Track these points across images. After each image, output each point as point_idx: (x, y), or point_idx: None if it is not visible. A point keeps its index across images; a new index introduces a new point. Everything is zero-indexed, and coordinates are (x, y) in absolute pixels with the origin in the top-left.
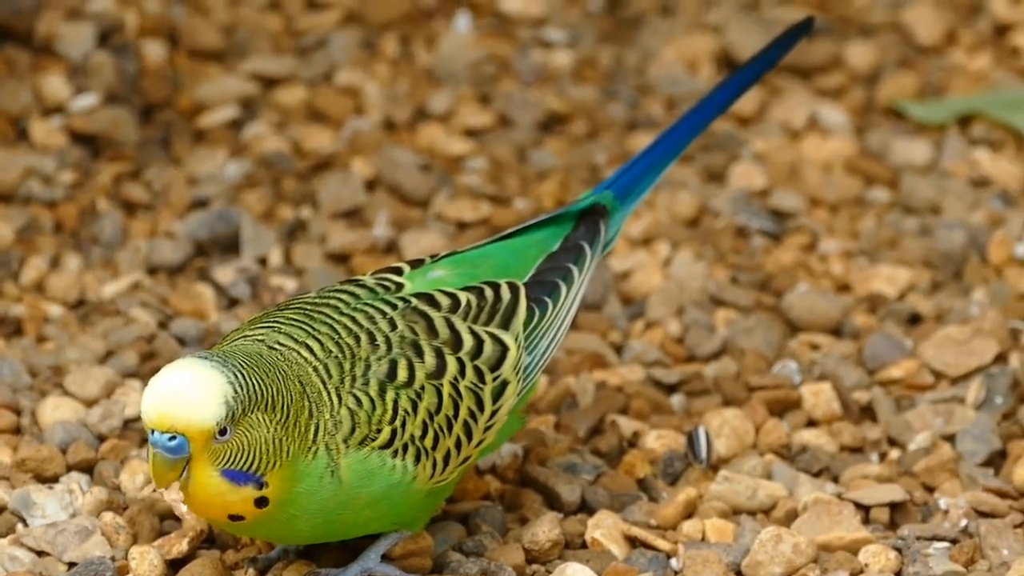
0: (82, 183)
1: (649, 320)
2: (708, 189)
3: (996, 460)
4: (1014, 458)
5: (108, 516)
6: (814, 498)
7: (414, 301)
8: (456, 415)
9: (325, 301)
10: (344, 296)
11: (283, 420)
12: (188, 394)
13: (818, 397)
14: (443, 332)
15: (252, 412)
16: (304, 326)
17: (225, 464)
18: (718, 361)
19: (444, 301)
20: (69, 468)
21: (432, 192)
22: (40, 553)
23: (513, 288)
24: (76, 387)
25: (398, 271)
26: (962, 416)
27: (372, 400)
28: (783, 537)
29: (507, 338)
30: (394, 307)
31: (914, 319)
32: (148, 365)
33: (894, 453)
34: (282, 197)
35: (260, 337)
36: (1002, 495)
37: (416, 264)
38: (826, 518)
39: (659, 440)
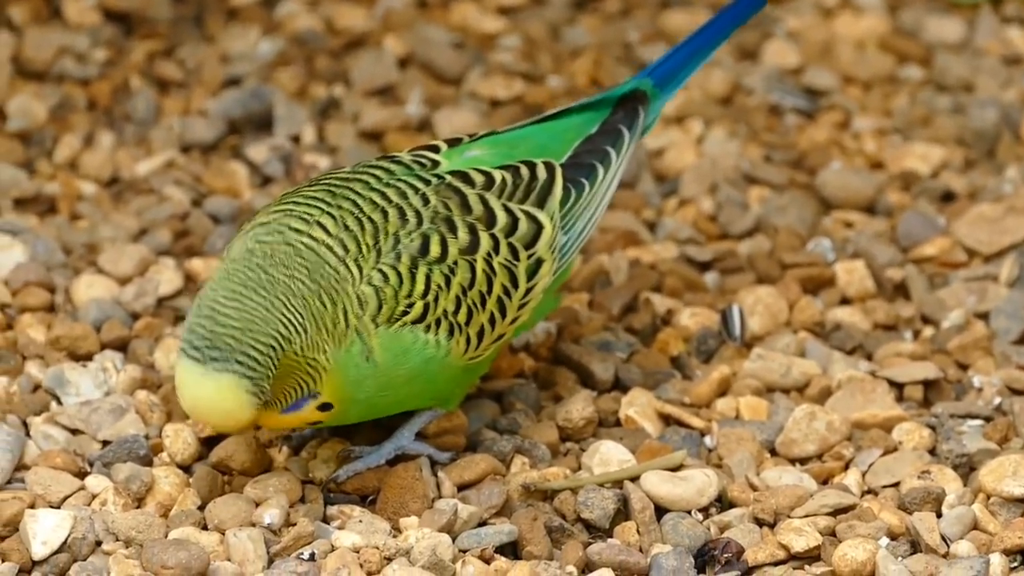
0: (115, 61)
1: (682, 198)
2: (741, 67)
3: None
4: None
5: (142, 394)
6: (848, 376)
7: (448, 178)
8: (490, 291)
9: (356, 176)
10: (377, 172)
11: (307, 340)
12: (217, 410)
13: (852, 275)
14: (477, 208)
15: (276, 370)
16: (321, 204)
17: (280, 407)
18: (751, 239)
19: (479, 179)
20: (103, 346)
21: (465, 70)
22: (74, 431)
23: (550, 168)
24: (110, 265)
25: (435, 149)
26: (995, 294)
27: (400, 275)
28: (817, 415)
29: (542, 216)
30: (428, 183)
31: (947, 197)
32: (182, 243)
33: (927, 331)
34: (315, 75)
35: (276, 227)
36: None
37: (454, 143)
38: (860, 396)
39: (693, 318)
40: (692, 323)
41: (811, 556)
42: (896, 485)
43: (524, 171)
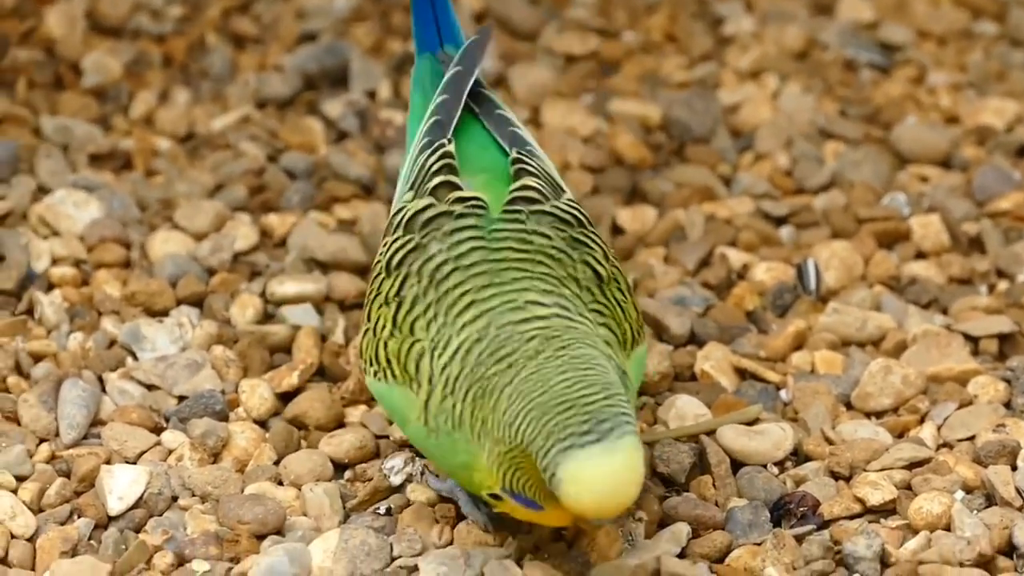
0: (191, 17)
1: (758, 153)
2: (816, 22)
3: None
4: None
5: (218, 350)
6: (923, 330)
7: (523, 208)
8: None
9: (483, 253)
10: (481, 239)
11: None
12: (635, 478)
13: (927, 229)
14: (568, 217)
15: None
16: (504, 284)
17: None
18: (827, 193)
19: (532, 193)
20: (179, 302)
21: (540, 25)
22: (150, 387)
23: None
24: (186, 221)
25: (472, 199)
26: None
27: (611, 306)
28: (892, 368)
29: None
30: (522, 221)
31: (1022, 151)
32: (257, 199)
33: (1003, 285)
34: (391, 30)
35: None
36: None
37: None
38: (935, 350)
39: (768, 272)
40: (767, 277)
41: (887, 510)
42: (971, 439)
43: (526, 182)
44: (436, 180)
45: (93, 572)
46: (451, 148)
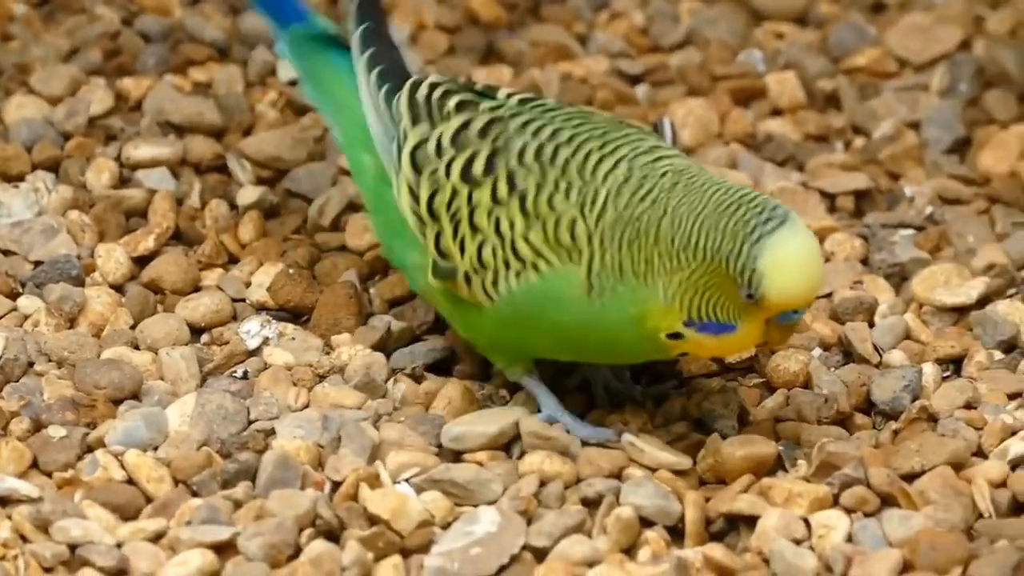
0: None
1: (614, 11)
2: None
3: (961, 147)
4: (979, 145)
5: (74, 214)
6: (780, 187)
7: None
8: None
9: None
10: (569, 122)
11: None
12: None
13: (783, 85)
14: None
15: None
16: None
17: None
18: (683, 51)
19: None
20: (34, 167)
21: None
22: (6, 252)
23: None
24: (41, 85)
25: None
26: (927, 103)
27: None
28: None
29: None
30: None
31: (878, 7)
32: (113, 62)
33: (859, 141)
34: None
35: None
36: (967, 182)
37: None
38: (792, 206)
39: None
40: None
41: (744, 368)
42: (829, 296)
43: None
44: (453, 100)
45: None
46: (434, 78)
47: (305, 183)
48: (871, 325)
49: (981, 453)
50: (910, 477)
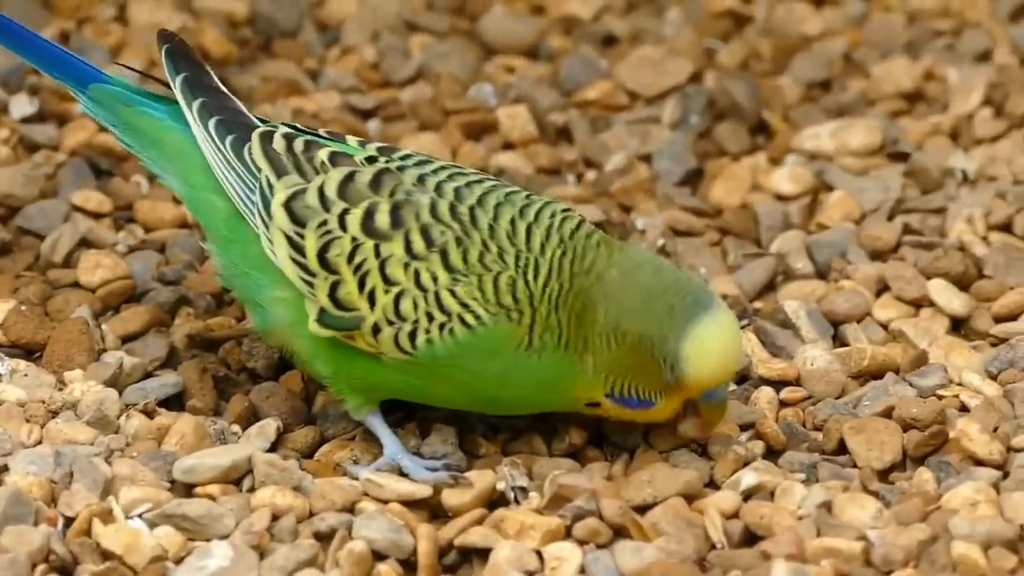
0: None
1: (345, 46)
2: None
3: (692, 179)
4: (710, 177)
5: None
6: None
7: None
8: None
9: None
10: (469, 180)
11: None
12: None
13: (514, 120)
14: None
15: None
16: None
17: None
18: (414, 86)
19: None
20: None
21: None
22: None
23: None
24: None
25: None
26: (658, 136)
27: None
28: None
29: None
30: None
31: (609, 40)
32: None
33: (591, 174)
34: None
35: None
36: (698, 214)
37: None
38: None
39: None
40: None
41: None
42: None
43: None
44: (322, 153)
45: None
46: (287, 129)
47: (37, 220)
48: None
49: (713, 484)
50: (642, 508)
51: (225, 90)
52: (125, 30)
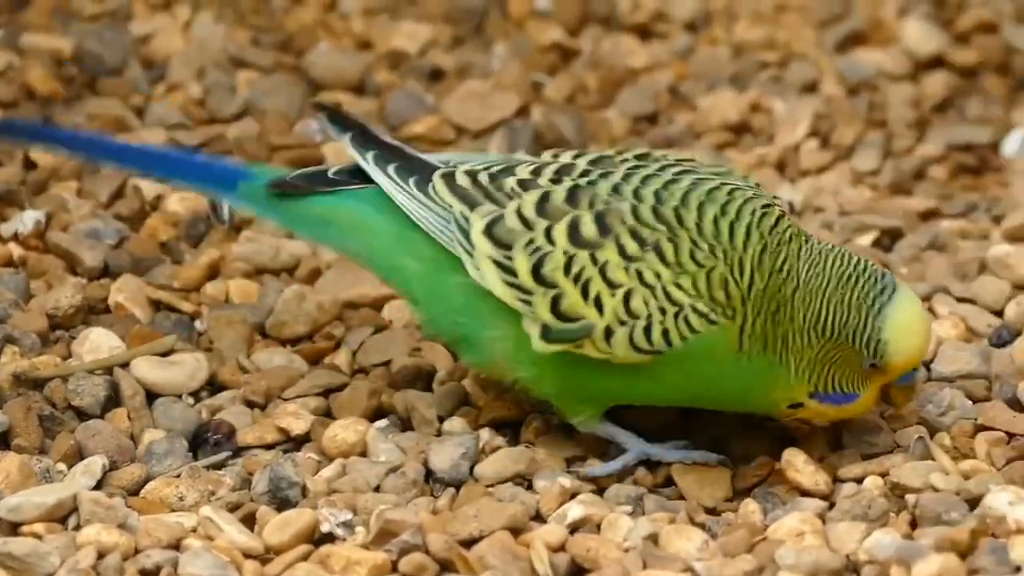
0: None
1: (171, 83)
2: None
3: None
4: None
5: None
6: (336, 256)
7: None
8: None
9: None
10: (660, 173)
11: None
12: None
13: (340, 156)
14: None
15: None
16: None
17: None
18: (240, 122)
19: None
20: None
21: None
22: None
23: None
24: None
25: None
26: None
27: None
28: (307, 296)
29: None
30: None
31: (435, 75)
32: None
33: None
34: None
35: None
36: None
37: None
38: (349, 275)
39: (182, 203)
40: (181, 208)
41: (303, 439)
42: (387, 364)
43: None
44: (510, 181)
45: None
46: (465, 167)
47: None
48: (431, 391)
49: (540, 517)
50: (469, 543)
51: (396, 142)
52: None
